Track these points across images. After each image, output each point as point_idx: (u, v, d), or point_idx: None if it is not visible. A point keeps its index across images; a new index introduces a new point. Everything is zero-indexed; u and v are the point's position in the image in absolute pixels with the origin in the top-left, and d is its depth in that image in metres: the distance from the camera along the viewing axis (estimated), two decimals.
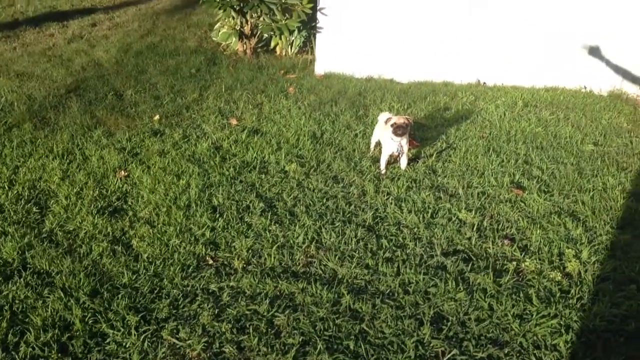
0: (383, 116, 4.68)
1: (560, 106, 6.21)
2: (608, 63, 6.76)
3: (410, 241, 3.74)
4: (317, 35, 6.99)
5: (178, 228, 3.77)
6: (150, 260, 3.47)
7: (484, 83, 7.02)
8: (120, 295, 3.15)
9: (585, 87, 6.87)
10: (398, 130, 4.42)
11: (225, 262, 3.50)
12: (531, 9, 6.62)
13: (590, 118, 5.89)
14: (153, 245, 3.60)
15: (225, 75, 6.57)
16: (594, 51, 6.72)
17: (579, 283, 3.37)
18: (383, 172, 4.59)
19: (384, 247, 3.67)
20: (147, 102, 5.73)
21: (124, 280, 3.28)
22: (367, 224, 3.93)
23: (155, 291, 3.21)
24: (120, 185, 4.26)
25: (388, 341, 2.93)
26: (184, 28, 8.43)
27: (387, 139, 4.51)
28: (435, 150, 4.97)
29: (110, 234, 3.70)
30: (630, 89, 6.80)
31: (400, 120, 4.43)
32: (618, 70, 6.77)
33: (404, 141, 4.51)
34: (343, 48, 6.99)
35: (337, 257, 3.56)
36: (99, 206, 3.98)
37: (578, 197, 4.30)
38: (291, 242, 3.70)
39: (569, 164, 4.82)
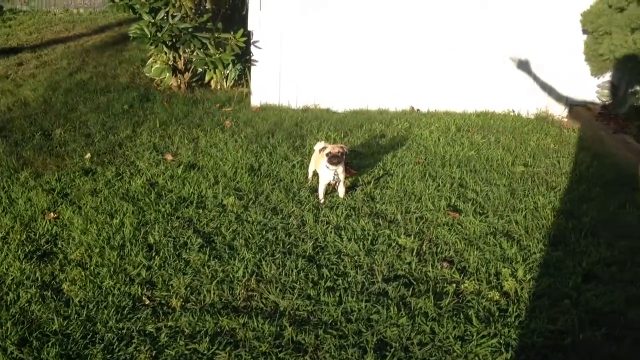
0: (319, 145, 4.71)
1: (491, 130, 6.41)
2: (535, 82, 7.04)
3: (351, 269, 3.73)
4: (252, 67, 7.01)
5: (112, 269, 3.63)
6: (83, 304, 3.32)
7: (418, 110, 7.18)
8: (50, 343, 2.98)
9: (513, 111, 7.13)
10: (333, 159, 4.44)
11: (163, 302, 3.39)
12: (459, 38, 6.86)
13: (520, 140, 6.10)
14: (85, 289, 3.45)
15: (160, 111, 6.47)
16: (522, 67, 7.00)
17: (516, 301, 3.44)
18: (322, 201, 4.59)
19: (325, 276, 3.65)
20: (77, 141, 5.56)
21: (54, 326, 3.12)
22: (307, 254, 3.90)
23: (89, 336, 3.07)
24: (50, 228, 4.08)
25: None
26: (116, 64, 8.29)
27: (323, 168, 4.53)
28: (373, 178, 5.02)
29: (39, 279, 3.53)
30: (555, 111, 7.10)
31: (335, 149, 4.46)
32: (544, 88, 7.06)
33: (339, 170, 4.53)
34: (278, 80, 7.03)
35: (278, 289, 3.51)
36: (27, 250, 3.79)
37: (512, 217, 4.41)
38: (231, 276, 3.63)
39: (502, 186, 4.96)
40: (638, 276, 3.72)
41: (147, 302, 3.38)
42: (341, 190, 4.66)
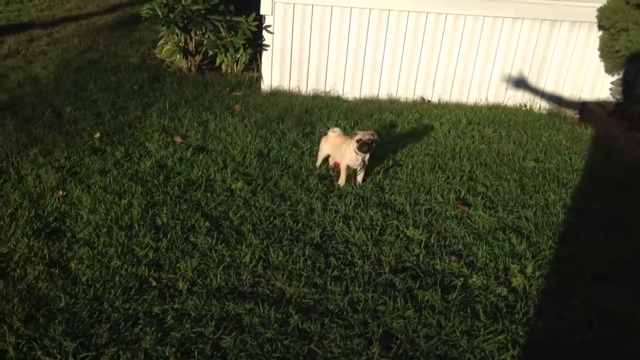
0: (335, 131, 4.75)
1: (502, 124, 6.36)
2: (547, 83, 6.99)
3: (358, 259, 3.72)
4: (263, 52, 6.95)
5: (119, 249, 3.63)
6: (90, 283, 3.32)
7: (429, 101, 7.13)
8: (57, 321, 2.99)
9: (525, 105, 7.07)
10: (363, 146, 4.45)
11: (170, 284, 3.39)
12: (472, 30, 6.79)
13: (531, 135, 6.05)
14: (93, 268, 3.44)
15: (170, 93, 6.44)
16: (537, 71, 6.94)
17: (524, 298, 3.41)
18: (342, 186, 4.63)
19: (332, 265, 3.63)
20: (87, 120, 5.54)
21: (61, 304, 3.12)
22: (315, 242, 3.88)
23: (95, 315, 3.07)
24: (58, 206, 4.07)
25: None
26: (127, 44, 8.24)
27: (350, 153, 4.52)
28: (383, 168, 4.99)
29: (47, 256, 3.52)
30: (568, 107, 7.04)
31: (366, 136, 4.46)
32: (557, 91, 7.01)
33: (367, 157, 4.54)
34: (289, 65, 6.98)
35: (285, 276, 3.50)
36: (35, 228, 3.79)
37: (521, 213, 4.38)
38: (238, 261, 3.62)
39: (512, 181, 4.92)
40: None
41: (154, 283, 3.37)
42: (361, 177, 4.68)
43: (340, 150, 4.66)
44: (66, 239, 3.70)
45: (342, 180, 4.66)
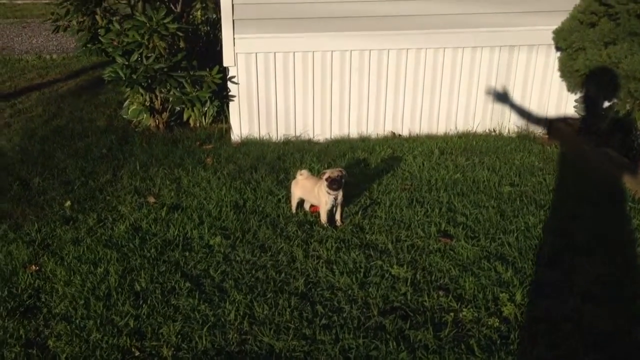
0: (304, 173, 4.75)
1: (474, 151, 6.40)
2: (513, 106, 7.09)
3: (345, 304, 3.64)
4: (230, 103, 6.95)
5: (98, 321, 3.50)
6: None
7: (399, 135, 7.16)
8: None
9: (494, 130, 7.15)
10: (333, 184, 4.44)
11: (153, 352, 3.27)
12: (436, 61, 6.89)
13: (504, 160, 6.09)
14: (72, 344, 3.31)
15: (139, 153, 6.36)
16: (501, 95, 7.04)
17: (516, 327, 3.36)
18: (325, 225, 4.62)
19: (319, 313, 3.55)
20: (56, 189, 5.42)
21: None
22: (300, 291, 3.80)
23: None
24: (32, 281, 3.94)
25: None
26: (92, 108, 8.17)
27: (324, 194, 4.52)
28: (360, 207, 4.95)
29: (23, 336, 3.39)
30: (536, 128, 7.14)
31: (334, 173, 4.45)
32: (523, 113, 7.11)
33: (339, 194, 4.52)
34: (257, 114, 6.98)
35: (272, 330, 3.41)
36: (9, 307, 3.65)
37: (504, 239, 4.36)
38: (222, 320, 3.52)
39: (491, 207, 4.92)
40: (636, 293, 3.67)
41: (137, 353, 3.25)
42: (338, 215, 4.66)
43: (312, 193, 4.66)
44: (42, 316, 3.57)
45: (323, 219, 4.65)
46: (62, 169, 5.92)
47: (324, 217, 4.65)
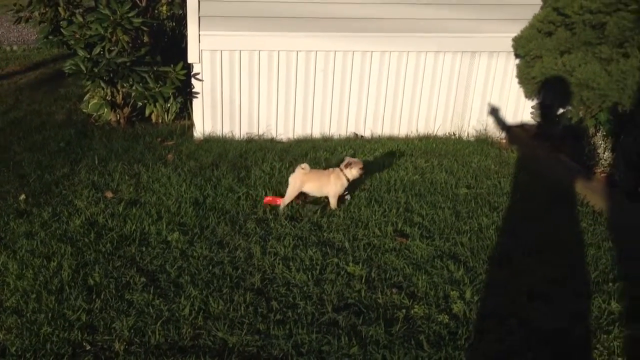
0: (305, 168, 4.90)
1: (434, 154, 6.52)
2: (473, 111, 7.24)
3: (300, 300, 3.68)
4: (194, 100, 6.92)
5: (50, 315, 3.47)
6: (19, 353, 3.16)
7: (362, 136, 7.24)
8: None
9: (454, 134, 7.29)
10: (363, 169, 4.98)
11: (105, 346, 3.25)
12: (400, 64, 6.99)
13: (462, 163, 6.21)
14: (22, 337, 3.28)
15: (99, 147, 6.29)
16: (462, 100, 7.18)
17: (465, 323, 3.46)
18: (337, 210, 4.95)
19: (274, 309, 3.59)
20: (11, 182, 5.32)
21: None
22: (255, 287, 3.83)
23: None
24: None
25: None
26: (51, 101, 8.03)
27: (342, 182, 4.94)
28: (320, 206, 5.00)
29: None
30: (494, 132, 7.31)
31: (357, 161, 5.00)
32: (483, 118, 7.27)
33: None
34: (221, 111, 6.97)
35: (226, 325, 3.42)
36: None
37: (457, 240, 4.46)
38: (177, 315, 3.52)
39: (447, 208, 5.02)
40: (580, 292, 3.80)
41: (88, 347, 3.24)
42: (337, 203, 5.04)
43: (319, 183, 4.93)
44: None
45: (334, 205, 4.96)
46: (18, 162, 5.82)
47: (334, 204, 4.97)
